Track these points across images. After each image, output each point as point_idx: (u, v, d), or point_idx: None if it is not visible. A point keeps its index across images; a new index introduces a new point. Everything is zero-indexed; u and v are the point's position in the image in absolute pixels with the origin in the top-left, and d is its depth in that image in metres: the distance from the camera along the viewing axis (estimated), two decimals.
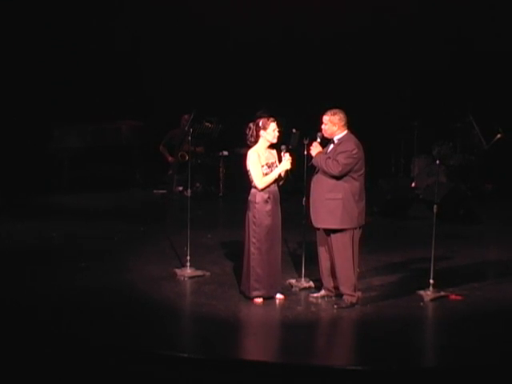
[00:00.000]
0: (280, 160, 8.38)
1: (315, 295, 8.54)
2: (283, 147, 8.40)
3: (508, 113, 14.08)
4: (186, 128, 12.88)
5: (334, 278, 8.36)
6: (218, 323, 7.83)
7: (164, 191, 14.20)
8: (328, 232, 8.24)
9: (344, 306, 8.22)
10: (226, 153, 14.01)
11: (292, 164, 8.36)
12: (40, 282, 8.94)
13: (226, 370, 6.96)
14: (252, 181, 8.30)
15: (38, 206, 13.05)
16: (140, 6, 15.30)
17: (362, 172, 8.20)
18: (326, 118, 8.25)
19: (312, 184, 8.32)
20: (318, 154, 8.26)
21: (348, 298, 8.25)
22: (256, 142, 8.36)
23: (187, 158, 13.10)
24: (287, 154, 8.34)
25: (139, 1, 15.46)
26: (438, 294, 8.53)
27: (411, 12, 14.84)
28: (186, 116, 13.63)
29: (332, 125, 8.21)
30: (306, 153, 8.64)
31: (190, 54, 15.21)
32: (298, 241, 9.40)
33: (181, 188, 13.88)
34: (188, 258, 9.28)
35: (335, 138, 8.24)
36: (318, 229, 8.34)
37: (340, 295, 8.32)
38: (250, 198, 8.34)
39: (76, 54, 15.05)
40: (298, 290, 8.76)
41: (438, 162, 10.48)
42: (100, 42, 15.16)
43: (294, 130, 13.16)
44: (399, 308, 8.30)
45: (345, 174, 8.10)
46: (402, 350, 7.25)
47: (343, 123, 8.22)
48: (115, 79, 15.10)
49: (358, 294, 8.34)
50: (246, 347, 7.66)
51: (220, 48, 15.13)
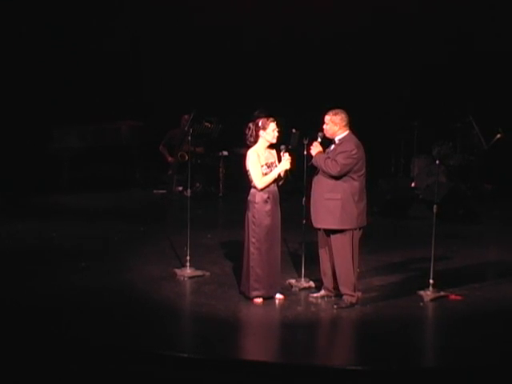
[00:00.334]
0: (279, 160, 8.38)
1: (315, 295, 8.54)
2: (283, 147, 8.40)
3: (508, 113, 14.08)
4: (186, 128, 12.88)
5: (334, 279, 8.35)
6: (217, 323, 7.83)
7: (164, 191, 14.19)
8: (328, 232, 8.24)
9: (344, 306, 8.22)
10: (225, 153, 14.00)
11: (291, 164, 8.35)
12: (40, 282, 8.93)
13: (226, 370, 6.96)
14: (251, 181, 8.29)
15: (37, 206, 13.05)
16: (140, 6, 15.31)
17: (362, 173, 8.19)
18: (327, 118, 8.25)
19: (313, 184, 8.32)
20: (317, 154, 8.25)
21: (348, 298, 8.25)
22: (255, 142, 8.36)
23: (187, 158, 13.09)
24: (287, 154, 8.34)
25: (139, 1, 15.47)
26: (437, 294, 8.53)
27: (411, 12, 14.84)
28: (186, 116, 13.63)
29: (333, 125, 8.20)
30: (305, 153, 8.64)
31: (190, 54, 15.21)
32: (298, 241, 9.39)
33: (181, 188, 13.88)
34: (188, 258, 9.28)
35: (336, 138, 8.23)
36: (318, 229, 8.34)
37: (340, 295, 8.32)
38: (249, 197, 8.33)
39: (76, 54, 15.05)
40: (297, 290, 8.76)
41: (437, 161, 10.47)
42: (100, 42, 15.17)
43: (293, 130, 13.16)
44: (399, 308, 8.30)
45: (344, 175, 8.10)
46: (402, 350, 7.25)
47: (345, 123, 8.22)
48: (115, 79, 15.10)
49: (358, 294, 8.33)
50: (246, 347, 7.66)
51: (220, 48, 15.13)
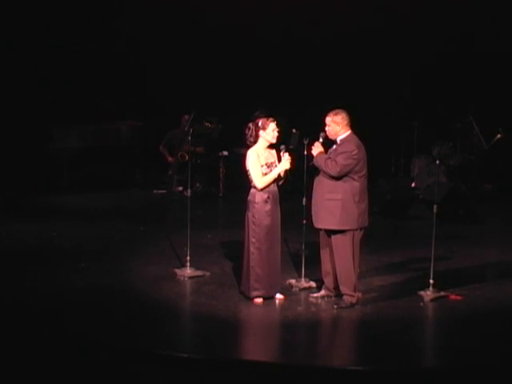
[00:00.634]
0: (279, 160, 8.38)
1: (315, 295, 8.54)
2: (282, 147, 8.39)
3: (508, 113, 14.08)
4: (186, 128, 12.89)
5: (335, 279, 8.35)
6: (217, 323, 7.82)
7: (164, 191, 14.20)
8: (329, 232, 8.24)
9: (344, 306, 8.21)
10: (225, 153, 14.00)
11: (291, 164, 8.35)
12: (40, 282, 8.93)
13: (226, 370, 6.96)
14: (251, 181, 8.29)
15: (38, 206, 13.06)
16: (140, 6, 15.31)
17: (363, 173, 8.18)
18: (328, 119, 8.24)
19: (314, 184, 8.32)
20: (318, 154, 8.24)
21: (348, 299, 8.24)
22: (255, 142, 8.35)
23: (187, 157, 13.10)
24: (286, 154, 8.33)
25: (139, 1, 15.47)
26: (438, 294, 8.52)
27: (411, 12, 14.84)
28: (186, 116, 13.64)
29: (335, 125, 8.20)
30: (306, 153, 8.64)
31: (190, 54, 15.21)
32: (298, 241, 9.39)
33: (181, 188, 13.88)
34: (188, 258, 9.27)
35: (338, 139, 8.22)
36: (319, 229, 8.34)
37: (340, 295, 8.31)
38: (249, 197, 8.33)
39: (76, 54, 15.05)
40: (297, 290, 8.75)
41: (437, 161, 10.48)
42: (100, 42, 15.17)
43: (294, 130, 13.16)
44: (399, 308, 8.29)
45: (344, 175, 8.09)
46: (402, 350, 7.25)
47: (346, 122, 8.21)
48: (115, 79, 15.10)
49: (358, 294, 8.33)
50: (246, 347, 7.65)
51: (220, 48, 15.14)
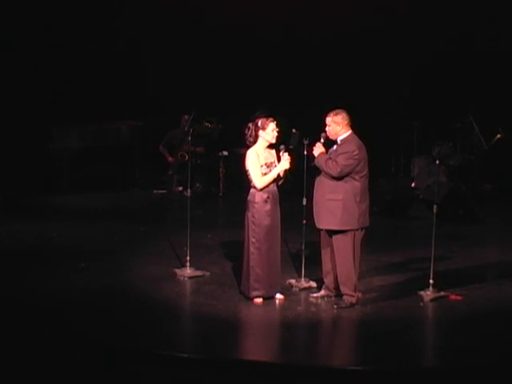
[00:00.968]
0: (279, 160, 8.38)
1: (315, 295, 8.54)
2: (282, 147, 8.39)
3: (508, 113, 14.08)
4: (186, 128, 12.88)
5: (335, 279, 8.35)
6: (217, 323, 7.82)
7: (164, 191, 14.20)
8: (330, 232, 8.24)
9: (344, 306, 8.22)
10: (225, 153, 14.00)
11: (291, 164, 8.35)
12: (40, 282, 8.93)
13: (226, 370, 6.95)
14: (251, 181, 8.29)
15: (38, 206, 13.05)
16: (140, 6, 15.30)
17: (364, 173, 8.18)
18: (328, 120, 8.24)
19: (315, 185, 8.31)
20: (319, 155, 8.24)
21: (348, 299, 8.24)
22: (255, 141, 8.35)
23: (187, 157, 13.10)
24: (286, 154, 8.33)
25: (139, 1, 15.47)
26: (437, 295, 8.52)
27: (411, 12, 14.84)
28: (186, 116, 13.64)
29: (336, 125, 8.20)
30: (305, 153, 8.64)
31: (190, 54, 15.20)
32: (298, 241, 9.39)
33: (181, 188, 13.88)
34: (188, 258, 9.28)
35: (339, 139, 8.22)
36: (320, 229, 8.34)
37: (340, 295, 8.31)
38: (249, 197, 8.33)
39: (76, 54, 15.05)
40: (297, 290, 8.75)
41: (437, 161, 10.47)
42: (100, 42, 15.16)
43: (293, 130, 13.15)
44: (399, 308, 8.29)
45: (345, 175, 8.09)
46: (402, 350, 7.25)
47: (346, 122, 8.21)
48: (115, 79, 15.09)
49: (359, 294, 8.33)
50: (246, 347, 7.65)
51: (220, 48, 15.13)
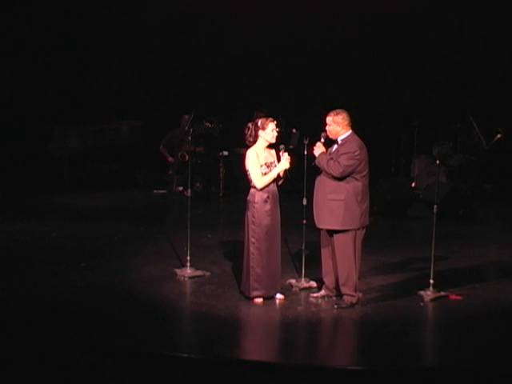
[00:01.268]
0: (279, 160, 8.38)
1: (315, 295, 8.53)
2: (282, 147, 8.39)
3: (508, 113, 14.08)
4: (186, 128, 12.88)
5: (335, 279, 8.35)
6: (217, 323, 7.82)
7: (164, 191, 14.20)
8: (331, 232, 8.24)
9: (344, 306, 8.21)
10: (225, 153, 13.99)
11: (291, 164, 8.35)
12: (40, 282, 8.93)
13: (226, 370, 6.95)
14: (251, 180, 8.29)
15: (38, 206, 13.05)
16: (140, 6, 15.31)
17: (365, 173, 8.17)
18: (329, 119, 8.23)
19: (316, 185, 8.31)
20: (320, 155, 8.23)
21: (348, 298, 8.24)
22: (255, 141, 8.35)
23: (187, 157, 13.10)
24: (286, 154, 8.32)
25: (140, 2, 15.47)
26: (438, 294, 8.52)
27: (411, 12, 14.84)
28: (186, 116, 13.63)
29: (336, 125, 8.19)
30: (305, 153, 8.63)
31: (190, 54, 15.22)
32: (298, 241, 9.38)
33: (181, 188, 13.89)
34: (188, 258, 9.27)
35: (339, 139, 8.21)
36: (321, 229, 8.34)
37: (340, 295, 8.31)
38: (249, 197, 8.32)
39: (76, 54, 15.05)
40: (297, 290, 8.75)
41: (437, 162, 10.46)
42: (100, 42, 15.17)
43: (294, 130, 13.16)
44: (399, 308, 8.29)
45: (347, 175, 8.08)
46: (402, 350, 7.24)
47: (347, 122, 8.20)
48: (115, 79, 15.10)
49: (359, 294, 8.32)
50: (246, 347, 7.64)
51: (220, 48, 15.14)
